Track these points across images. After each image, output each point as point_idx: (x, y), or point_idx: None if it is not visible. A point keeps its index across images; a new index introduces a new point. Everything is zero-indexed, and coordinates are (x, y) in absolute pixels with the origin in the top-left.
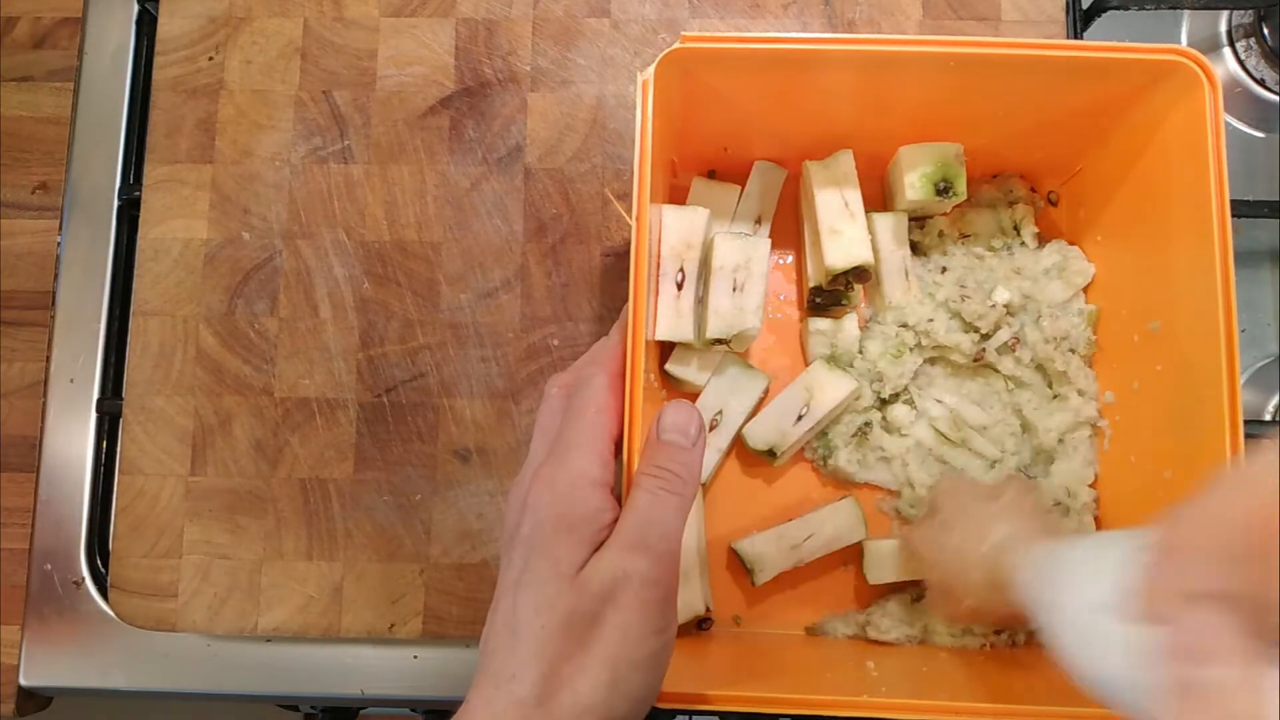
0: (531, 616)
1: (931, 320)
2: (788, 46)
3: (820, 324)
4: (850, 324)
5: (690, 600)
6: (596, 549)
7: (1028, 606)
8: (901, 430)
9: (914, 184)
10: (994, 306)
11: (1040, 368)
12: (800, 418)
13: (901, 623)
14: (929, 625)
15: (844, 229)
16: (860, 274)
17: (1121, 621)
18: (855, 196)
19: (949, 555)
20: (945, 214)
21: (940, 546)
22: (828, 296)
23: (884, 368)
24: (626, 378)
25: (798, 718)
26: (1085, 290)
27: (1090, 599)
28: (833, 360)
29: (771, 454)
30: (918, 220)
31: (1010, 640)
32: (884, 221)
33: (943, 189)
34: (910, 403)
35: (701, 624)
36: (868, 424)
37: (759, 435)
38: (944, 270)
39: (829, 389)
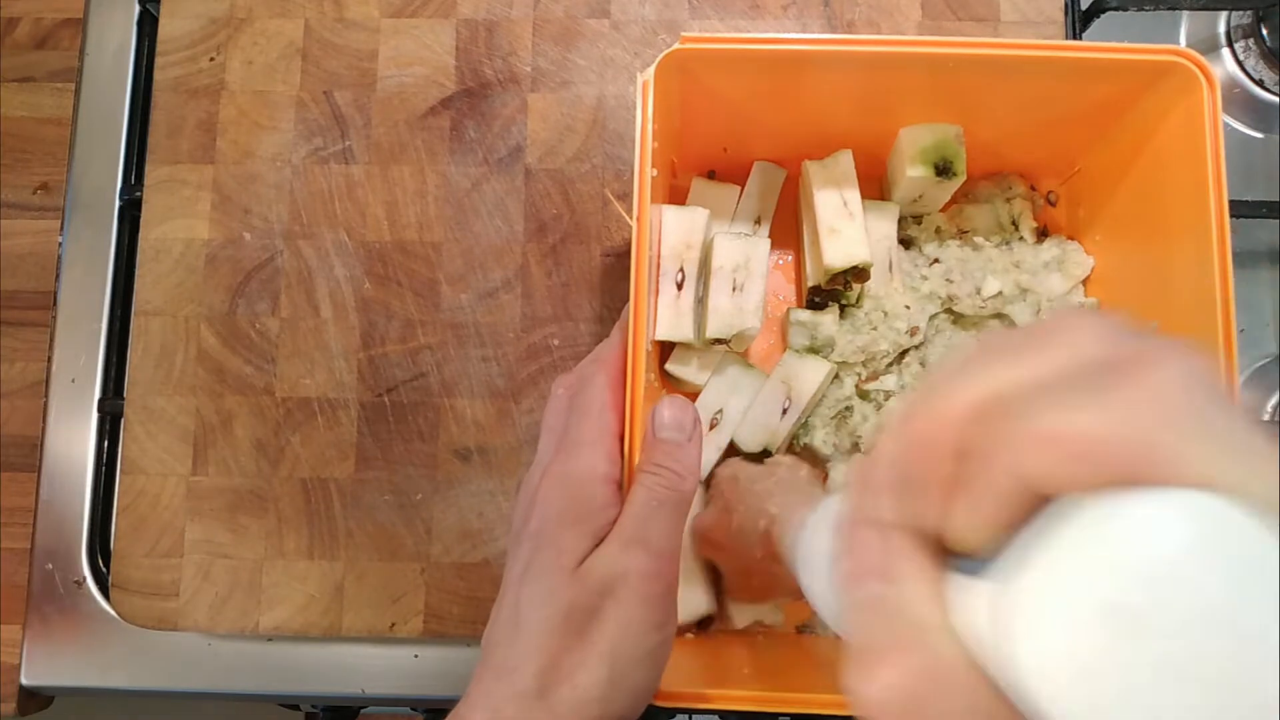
0: (533, 608)
1: (908, 308)
2: (787, 47)
3: (801, 315)
4: (829, 315)
5: (697, 599)
6: (600, 543)
7: (795, 573)
8: (879, 413)
9: (914, 160)
10: (983, 297)
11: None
12: (785, 411)
13: None
14: None
15: (843, 228)
16: (859, 273)
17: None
18: (854, 196)
19: (733, 537)
20: (942, 210)
21: (725, 529)
22: (827, 295)
23: (851, 354)
24: (628, 377)
25: (798, 716)
26: (1084, 284)
27: (820, 549)
28: (808, 350)
29: (766, 453)
30: (915, 218)
31: None
32: (874, 212)
33: (942, 169)
34: (889, 392)
35: (702, 623)
36: (848, 408)
37: (750, 438)
38: (935, 262)
39: (805, 375)
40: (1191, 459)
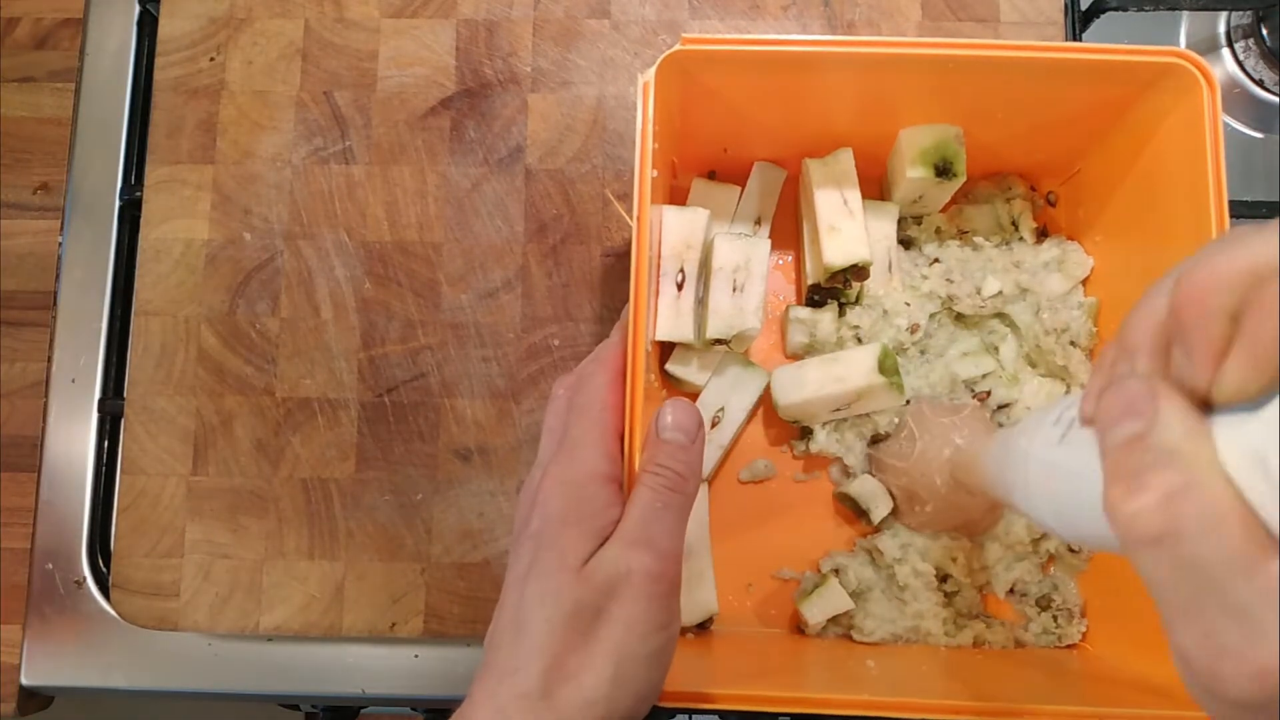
0: (536, 608)
1: (908, 305)
2: (787, 48)
3: (800, 313)
4: (828, 313)
5: (704, 600)
6: (603, 543)
7: (990, 486)
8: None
9: (914, 161)
10: (983, 297)
11: (1032, 361)
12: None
13: (886, 622)
14: (919, 625)
15: (843, 226)
16: (858, 271)
17: (1067, 441)
18: (854, 194)
19: (914, 463)
20: (942, 210)
21: (907, 456)
22: (826, 294)
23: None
24: (628, 377)
25: (799, 716)
26: (1084, 284)
27: (1045, 438)
28: (806, 348)
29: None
30: (916, 218)
31: (1011, 639)
32: (874, 212)
33: (942, 169)
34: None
35: (704, 623)
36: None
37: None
38: (935, 262)
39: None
40: None
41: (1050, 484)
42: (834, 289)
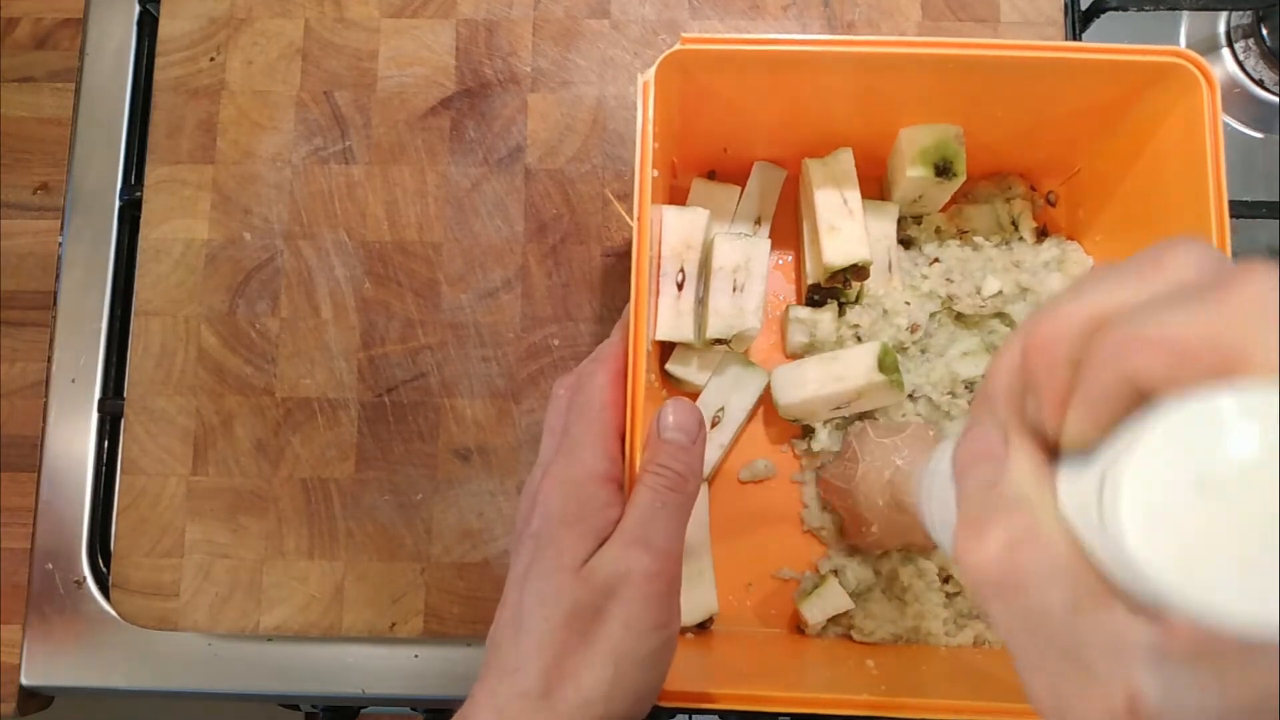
0: (536, 608)
1: (908, 304)
2: (787, 48)
3: (800, 312)
4: (828, 313)
5: (704, 599)
6: (602, 543)
7: (920, 515)
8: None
9: (914, 160)
10: (982, 297)
11: None
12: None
13: (886, 622)
14: (919, 625)
15: (843, 226)
16: (858, 271)
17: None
18: (854, 194)
19: (857, 484)
20: (942, 210)
21: (850, 478)
22: (826, 294)
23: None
24: (628, 377)
25: (799, 716)
26: None
27: (942, 471)
28: (807, 348)
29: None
30: (915, 218)
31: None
32: (874, 212)
33: (942, 169)
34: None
35: (704, 623)
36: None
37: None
38: (935, 262)
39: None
40: (1273, 359)
41: (943, 516)
42: (834, 289)
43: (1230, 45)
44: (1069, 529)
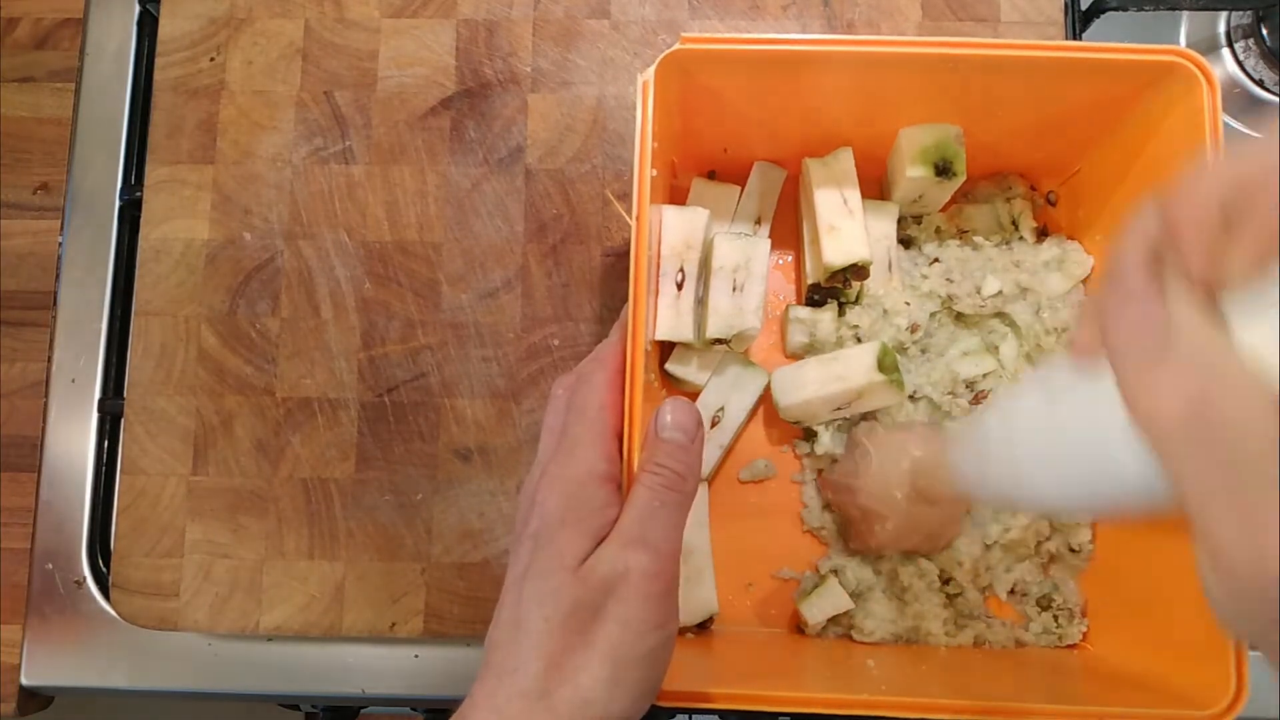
0: (535, 608)
1: (908, 304)
2: (787, 48)
3: (799, 312)
4: (828, 314)
5: (705, 599)
6: (601, 543)
7: (961, 485)
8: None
9: (914, 160)
10: (982, 297)
11: (1032, 360)
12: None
13: (886, 622)
14: (919, 625)
15: (842, 226)
16: (858, 271)
17: (1058, 404)
18: (854, 193)
19: (872, 479)
20: (942, 210)
21: (860, 474)
22: (826, 294)
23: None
24: (626, 376)
25: (799, 716)
26: (1085, 283)
27: (1030, 411)
28: (806, 347)
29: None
30: (915, 217)
31: (1011, 640)
32: (874, 212)
33: (942, 169)
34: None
35: (704, 623)
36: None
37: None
38: (935, 261)
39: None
40: None
41: (1047, 451)
42: (834, 289)
43: (1230, 45)
44: (1257, 366)
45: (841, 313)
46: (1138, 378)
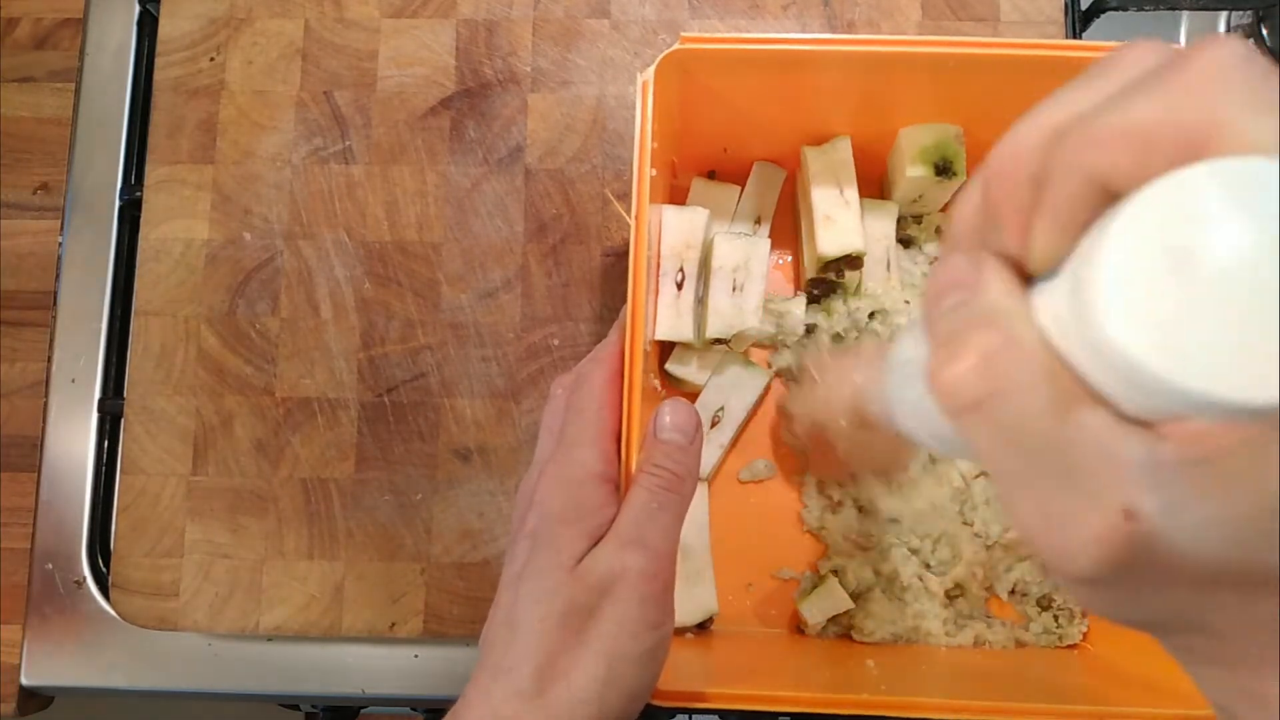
0: (530, 607)
1: (908, 302)
2: (787, 47)
3: (772, 302)
4: (797, 305)
5: (704, 599)
6: (598, 543)
7: (883, 414)
8: None
9: (914, 160)
10: None
11: None
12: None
13: (886, 622)
14: (919, 625)
15: (838, 216)
16: (851, 261)
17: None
18: (851, 184)
19: (819, 408)
20: (942, 210)
21: (810, 402)
22: (824, 288)
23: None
24: (625, 377)
25: (799, 716)
26: None
27: (903, 346)
28: (773, 339)
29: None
30: (915, 217)
31: (1011, 639)
32: (874, 211)
33: (942, 169)
34: None
35: (703, 623)
36: None
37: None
38: (934, 261)
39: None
40: (1243, 128)
41: (904, 390)
42: (830, 281)
43: None
44: (1047, 339)
45: (824, 307)
46: (938, 339)
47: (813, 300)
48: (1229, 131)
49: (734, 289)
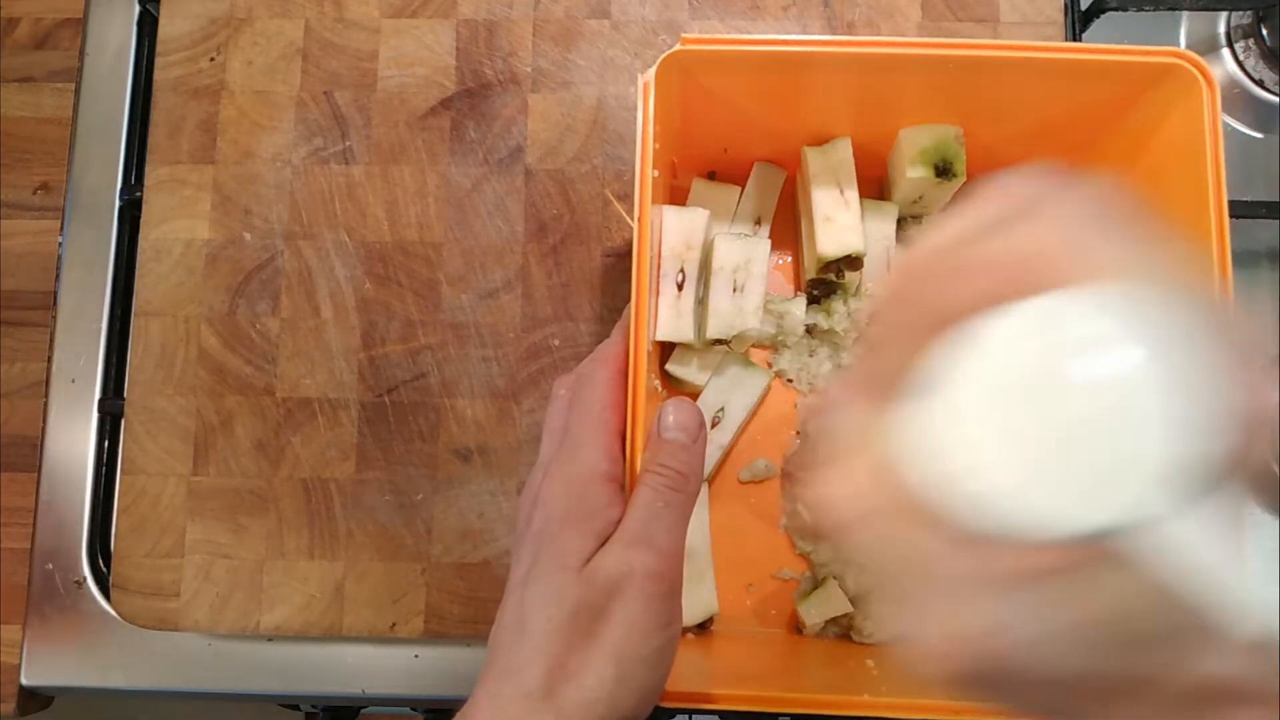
0: (538, 609)
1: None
2: (787, 48)
3: (773, 302)
4: (797, 306)
5: (705, 599)
6: (604, 543)
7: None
8: None
9: (914, 161)
10: None
11: None
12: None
13: (885, 625)
14: None
15: (838, 217)
16: (851, 262)
17: None
18: (851, 184)
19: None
20: (943, 210)
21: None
22: (824, 288)
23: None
24: (629, 377)
25: (799, 716)
26: None
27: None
28: (773, 339)
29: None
30: (915, 218)
31: None
32: (874, 212)
33: (942, 169)
34: None
35: (704, 623)
36: None
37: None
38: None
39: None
40: (1070, 268)
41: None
42: (830, 282)
43: (1230, 45)
44: (900, 462)
45: (824, 307)
46: (811, 481)
47: (813, 301)
48: (1067, 269)
49: (734, 290)
